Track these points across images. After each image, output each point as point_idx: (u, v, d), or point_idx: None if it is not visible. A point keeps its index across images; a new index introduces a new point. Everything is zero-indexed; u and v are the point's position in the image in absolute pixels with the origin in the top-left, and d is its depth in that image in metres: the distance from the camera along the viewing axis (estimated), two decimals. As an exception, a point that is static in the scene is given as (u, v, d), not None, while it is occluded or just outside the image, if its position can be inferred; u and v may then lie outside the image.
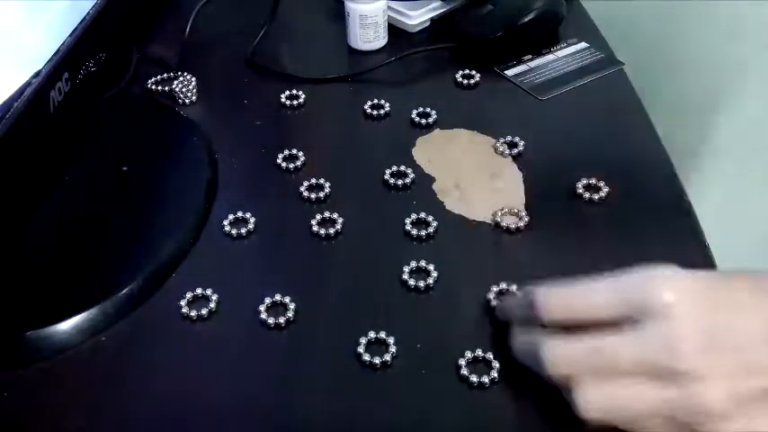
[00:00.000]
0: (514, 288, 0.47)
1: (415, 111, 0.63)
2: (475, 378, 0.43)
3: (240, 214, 0.54)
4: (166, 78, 0.68)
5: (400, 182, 0.56)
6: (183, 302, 0.48)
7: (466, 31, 0.70)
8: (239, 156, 0.60)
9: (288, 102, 0.65)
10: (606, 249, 0.50)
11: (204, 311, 0.47)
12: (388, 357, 0.44)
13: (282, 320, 0.47)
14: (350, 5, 0.69)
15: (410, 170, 0.57)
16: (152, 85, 0.67)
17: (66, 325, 0.46)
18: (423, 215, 0.53)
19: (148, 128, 0.63)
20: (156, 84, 0.67)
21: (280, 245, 0.53)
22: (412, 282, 0.49)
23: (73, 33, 0.51)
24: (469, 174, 0.57)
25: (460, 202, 0.55)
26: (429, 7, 0.74)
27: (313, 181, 0.56)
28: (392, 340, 0.45)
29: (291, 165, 0.58)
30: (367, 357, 0.44)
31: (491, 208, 0.53)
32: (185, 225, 0.53)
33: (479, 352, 0.44)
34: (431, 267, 0.49)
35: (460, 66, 0.68)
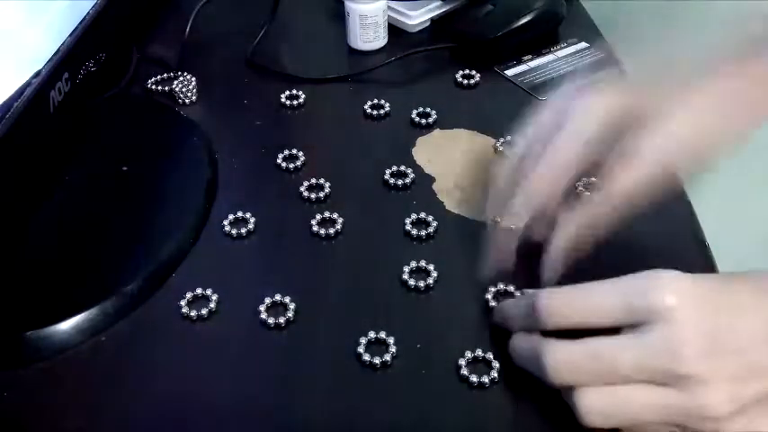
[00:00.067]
0: (512, 288, 0.47)
1: (415, 111, 0.63)
2: (475, 378, 0.43)
3: (240, 214, 0.54)
4: (166, 78, 0.68)
5: (400, 182, 0.56)
6: (183, 302, 0.48)
7: (466, 31, 0.70)
8: (239, 156, 0.60)
9: (288, 102, 0.65)
10: (606, 249, 0.50)
11: (204, 311, 0.47)
12: (388, 357, 0.44)
13: (282, 320, 0.47)
14: (350, 5, 0.69)
15: (410, 170, 0.57)
16: (152, 85, 0.67)
17: (66, 325, 0.46)
18: (423, 215, 0.53)
19: (148, 128, 0.63)
20: (156, 84, 0.67)
21: (280, 245, 0.53)
22: (412, 282, 0.49)
23: (73, 33, 0.51)
24: (469, 174, 0.57)
25: (460, 202, 0.55)
26: (429, 7, 0.74)
27: (313, 181, 0.56)
28: (392, 340, 0.45)
29: (291, 165, 0.58)
30: (367, 357, 0.44)
31: (491, 208, 0.53)
32: (185, 225, 0.53)
33: (479, 352, 0.44)
34: (431, 267, 0.49)
35: (460, 66, 0.68)
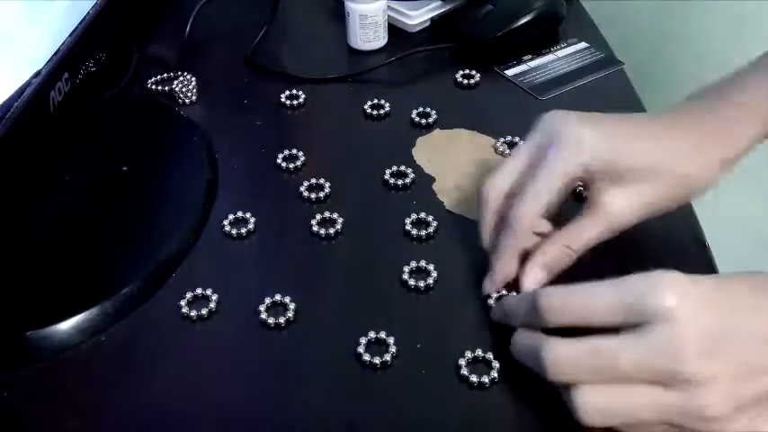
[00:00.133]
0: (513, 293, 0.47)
1: (415, 111, 0.63)
2: (475, 378, 0.43)
3: (240, 214, 0.54)
4: (166, 78, 0.68)
5: (400, 182, 0.56)
6: (183, 302, 0.48)
7: (466, 31, 0.70)
8: (239, 156, 0.60)
9: (288, 102, 0.65)
10: (606, 249, 0.50)
11: (204, 311, 0.47)
12: (388, 357, 0.44)
13: (282, 320, 0.47)
14: (350, 5, 0.69)
15: (410, 170, 0.57)
16: (152, 85, 0.67)
17: (66, 325, 0.46)
18: (423, 215, 0.53)
19: (148, 128, 0.63)
20: (156, 84, 0.67)
21: (280, 245, 0.53)
22: (412, 282, 0.49)
23: (73, 33, 0.51)
24: (469, 174, 0.57)
25: (460, 202, 0.55)
26: (429, 7, 0.74)
27: (313, 181, 0.56)
28: (392, 340, 0.45)
29: (291, 165, 0.58)
30: (367, 357, 0.44)
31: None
32: (185, 225, 0.53)
33: (479, 352, 0.44)
34: (431, 267, 0.49)
35: (460, 66, 0.68)
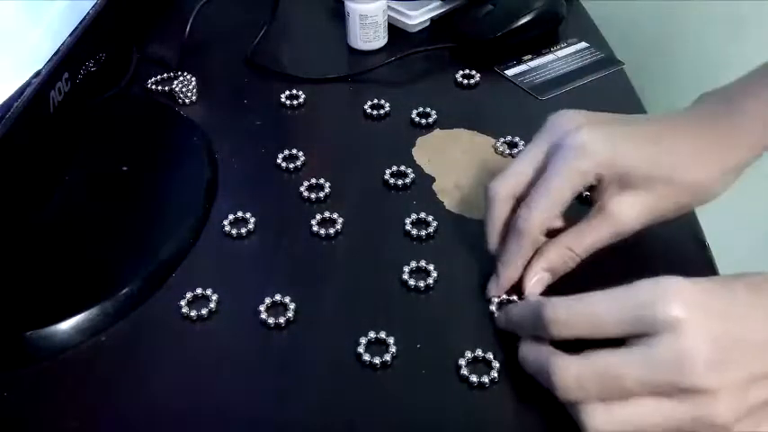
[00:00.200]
0: (515, 297, 0.47)
1: (415, 111, 0.63)
2: (475, 378, 0.43)
3: (240, 214, 0.54)
4: (166, 78, 0.68)
5: (400, 182, 0.56)
6: (183, 302, 0.48)
7: (466, 31, 0.70)
8: (239, 156, 0.60)
9: (288, 102, 0.65)
10: (607, 250, 0.50)
11: (204, 311, 0.47)
12: (388, 357, 0.44)
13: (282, 320, 0.47)
14: (350, 5, 0.69)
15: (410, 170, 0.57)
16: (152, 85, 0.67)
17: (66, 325, 0.46)
18: (423, 215, 0.53)
19: (148, 128, 0.63)
20: (156, 84, 0.67)
21: (280, 245, 0.53)
22: (412, 282, 0.49)
23: (73, 33, 0.51)
24: (469, 174, 0.57)
25: (460, 202, 0.55)
26: (429, 7, 0.74)
27: (313, 181, 0.56)
28: (392, 340, 0.45)
29: (291, 165, 0.58)
30: (367, 357, 0.44)
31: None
32: (185, 225, 0.53)
33: (479, 352, 0.44)
34: (431, 267, 0.49)
35: (460, 66, 0.68)
